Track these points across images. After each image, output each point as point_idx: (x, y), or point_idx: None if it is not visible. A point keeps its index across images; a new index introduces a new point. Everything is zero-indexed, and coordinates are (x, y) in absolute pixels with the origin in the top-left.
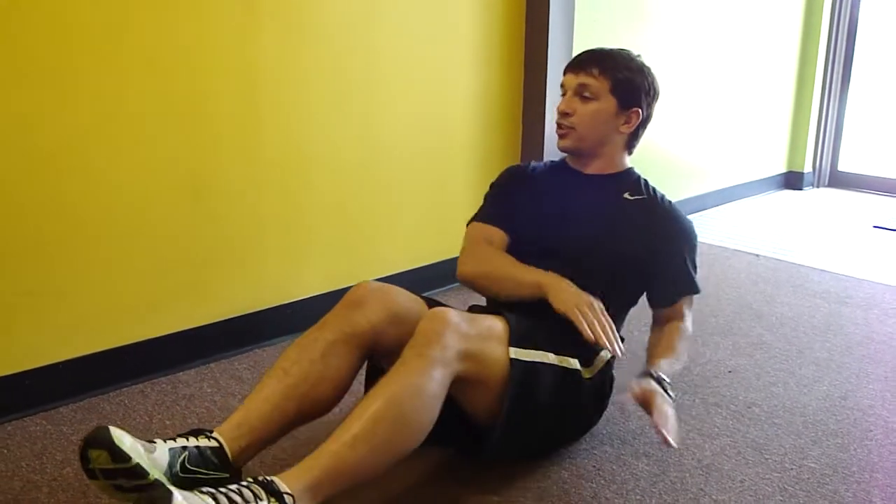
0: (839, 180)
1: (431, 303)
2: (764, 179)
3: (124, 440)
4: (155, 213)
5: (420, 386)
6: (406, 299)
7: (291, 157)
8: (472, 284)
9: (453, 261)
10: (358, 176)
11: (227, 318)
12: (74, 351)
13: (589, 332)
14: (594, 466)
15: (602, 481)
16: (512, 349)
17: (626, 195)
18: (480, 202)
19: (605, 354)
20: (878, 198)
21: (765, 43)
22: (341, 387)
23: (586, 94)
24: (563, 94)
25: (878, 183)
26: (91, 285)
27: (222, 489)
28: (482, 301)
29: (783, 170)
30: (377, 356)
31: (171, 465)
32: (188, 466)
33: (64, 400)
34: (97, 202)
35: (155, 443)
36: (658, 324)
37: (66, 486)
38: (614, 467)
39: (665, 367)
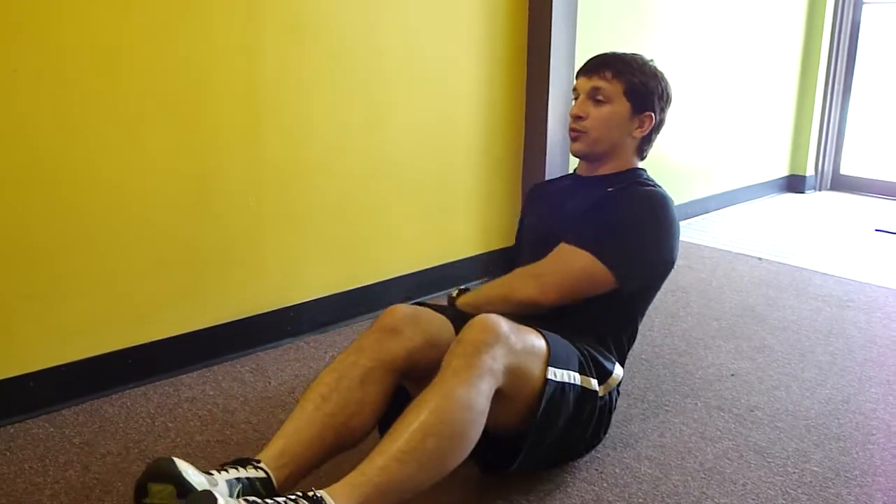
0: (841, 184)
1: (456, 319)
2: (766, 183)
3: (191, 473)
4: (157, 215)
5: (469, 399)
6: (438, 323)
7: (293, 160)
8: None
9: (454, 265)
10: (360, 179)
11: (229, 320)
12: (77, 353)
13: None
14: (597, 469)
15: (605, 484)
16: (550, 368)
17: (610, 189)
18: (482, 205)
19: (617, 374)
20: (880, 201)
21: (767, 46)
22: (377, 414)
23: (599, 97)
24: (576, 98)
25: (880, 186)
26: (93, 288)
27: (269, 501)
28: None
29: (785, 173)
30: (407, 380)
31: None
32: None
33: (66, 402)
34: (99, 205)
35: (213, 474)
36: None
37: (69, 488)
38: (617, 470)
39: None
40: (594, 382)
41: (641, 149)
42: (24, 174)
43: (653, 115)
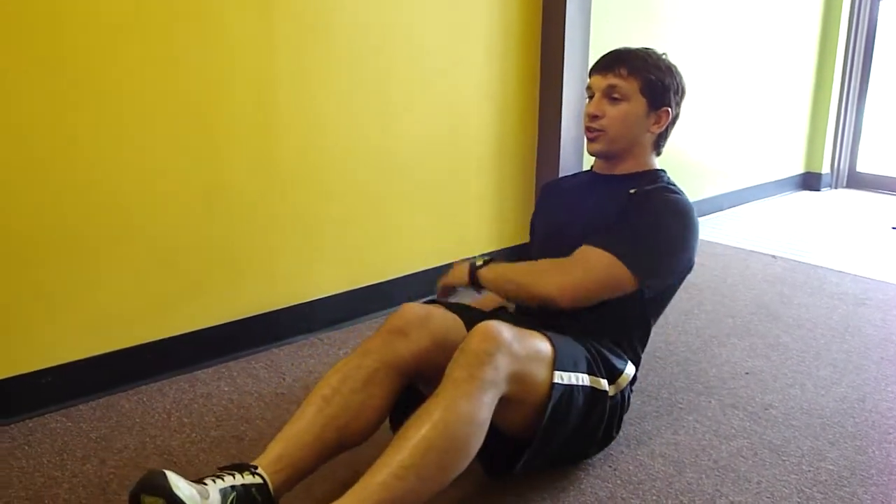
0: (857, 181)
1: (466, 316)
2: (781, 180)
3: (181, 487)
4: (172, 212)
5: (472, 413)
6: (450, 323)
7: (305, 158)
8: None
9: None
10: (372, 177)
11: (243, 317)
12: (93, 349)
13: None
14: (610, 467)
15: (618, 481)
16: (556, 373)
17: (632, 191)
18: (495, 203)
19: (628, 373)
20: None
21: (783, 43)
22: (381, 416)
23: (615, 95)
24: (591, 97)
25: None
26: (109, 284)
27: None
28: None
29: (801, 171)
30: (418, 381)
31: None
32: None
33: (83, 397)
34: (114, 201)
35: (206, 484)
36: None
37: (87, 482)
38: (630, 468)
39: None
40: (604, 382)
41: (658, 144)
42: (45, 174)
43: (669, 110)
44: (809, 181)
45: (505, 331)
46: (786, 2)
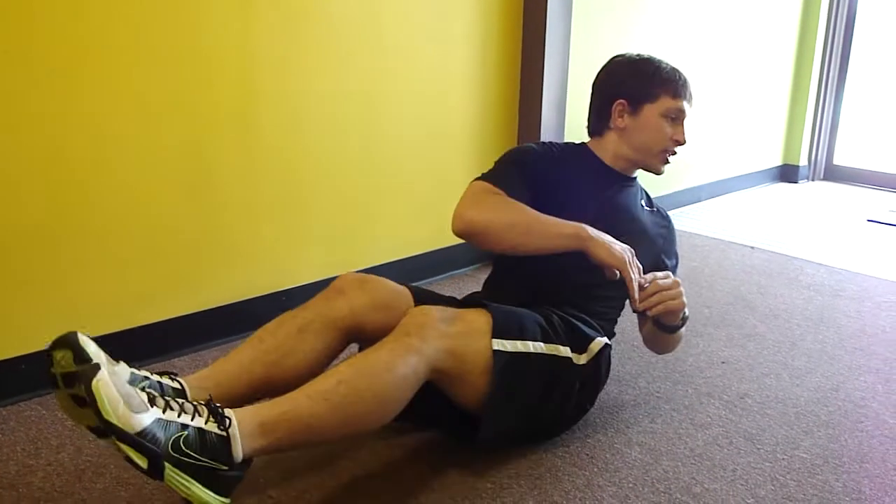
0: (834, 174)
1: (418, 292)
2: (759, 172)
3: (89, 345)
4: (152, 200)
5: (391, 364)
6: (390, 288)
7: (289, 146)
8: (481, 234)
9: (450, 249)
10: (355, 164)
11: (222, 304)
12: None
13: (636, 293)
14: (587, 454)
15: (595, 469)
16: (495, 341)
17: (643, 203)
18: None
19: (599, 341)
20: (872, 192)
21: (762, 35)
22: (314, 364)
23: (685, 122)
24: (677, 119)
25: (873, 177)
26: (87, 272)
27: (167, 398)
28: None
29: (778, 163)
30: (363, 343)
31: (130, 384)
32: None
33: None
34: (94, 190)
35: (119, 362)
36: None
37: (62, 470)
38: (608, 455)
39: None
40: (565, 350)
41: None
42: (24, 163)
43: None
44: (787, 173)
45: (435, 311)
46: None
